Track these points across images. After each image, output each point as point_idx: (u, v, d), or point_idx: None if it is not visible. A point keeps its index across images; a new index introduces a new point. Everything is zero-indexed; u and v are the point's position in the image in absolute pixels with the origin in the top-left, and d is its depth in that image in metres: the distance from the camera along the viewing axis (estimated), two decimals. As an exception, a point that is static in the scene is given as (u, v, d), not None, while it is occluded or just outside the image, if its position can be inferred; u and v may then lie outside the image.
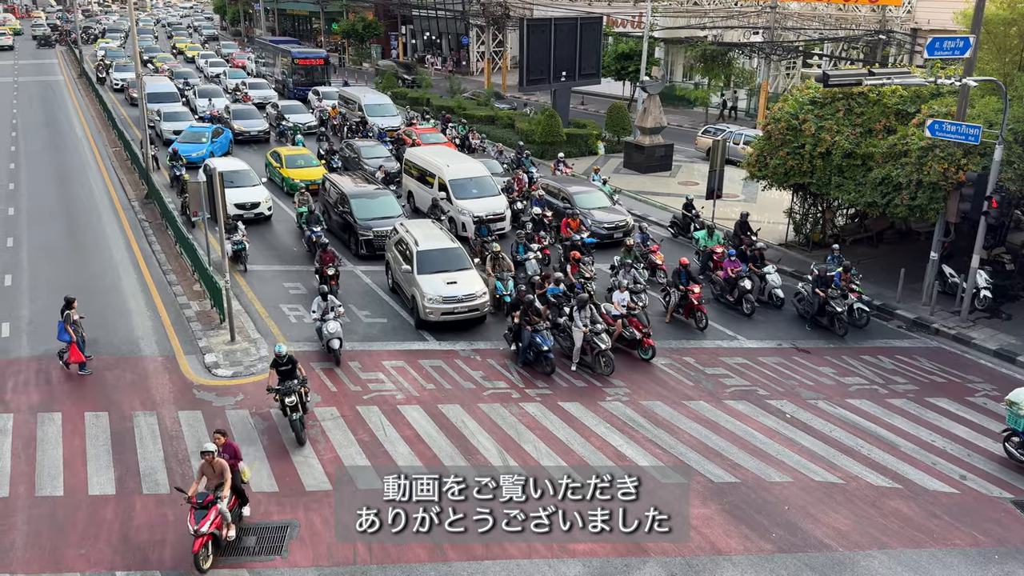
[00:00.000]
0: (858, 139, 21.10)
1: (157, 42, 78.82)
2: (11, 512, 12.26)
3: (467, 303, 18.44)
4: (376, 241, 22.68)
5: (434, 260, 19.05)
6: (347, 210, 23.63)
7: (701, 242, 22.62)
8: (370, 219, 23.21)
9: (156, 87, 42.73)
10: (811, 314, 19.12)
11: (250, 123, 38.71)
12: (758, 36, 46.22)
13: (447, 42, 71.39)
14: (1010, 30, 20.81)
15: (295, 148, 32.34)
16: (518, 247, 21.06)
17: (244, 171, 26.77)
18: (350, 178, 26.25)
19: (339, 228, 24.43)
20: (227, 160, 27.86)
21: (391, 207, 23.91)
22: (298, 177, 28.73)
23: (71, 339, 16.14)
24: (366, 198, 24.04)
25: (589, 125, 38.92)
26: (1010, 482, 13.45)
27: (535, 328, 16.71)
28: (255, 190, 26.10)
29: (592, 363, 16.85)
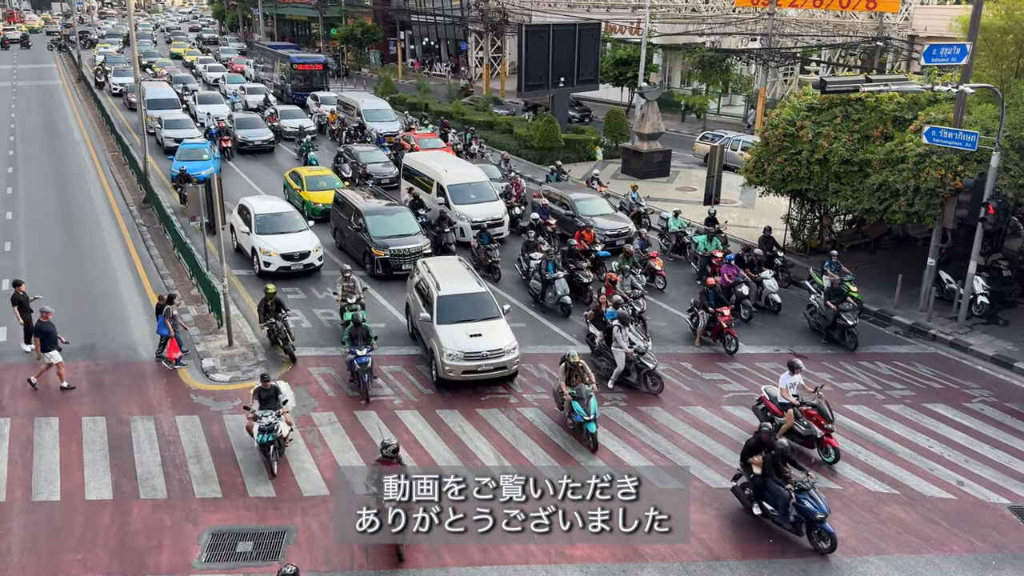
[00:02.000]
0: (855, 145, 21.16)
1: (156, 47, 78.91)
2: (7, 517, 12.23)
3: (492, 360, 15.96)
4: (393, 260, 21.62)
5: (457, 308, 16.68)
6: (361, 227, 22.38)
7: (700, 247, 22.39)
8: (386, 237, 22.05)
9: (156, 93, 41.95)
10: (825, 327, 18.71)
11: (254, 132, 37.29)
12: (756, 42, 46.32)
13: (445, 48, 71.52)
14: (1007, 37, 20.88)
15: (316, 168, 30.09)
16: (547, 265, 20.23)
17: (287, 213, 23.10)
18: (363, 193, 24.87)
19: (353, 246, 23.34)
20: (267, 200, 24.40)
21: (408, 224, 22.78)
22: (320, 200, 26.61)
23: (169, 334, 16.46)
24: (381, 215, 22.81)
25: (587, 131, 38.99)
26: (1008, 488, 13.46)
27: None
28: (303, 237, 22.35)
29: (638, 383, 16.21)
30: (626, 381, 16.34)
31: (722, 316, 18.01)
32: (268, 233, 21.96)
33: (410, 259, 21.02)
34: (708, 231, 22.62)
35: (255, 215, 22.37)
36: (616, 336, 16.16)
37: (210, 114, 41.13)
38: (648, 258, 21.68)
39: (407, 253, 21.58)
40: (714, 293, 18.45)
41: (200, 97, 44.77)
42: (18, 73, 64.84)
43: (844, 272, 19.81)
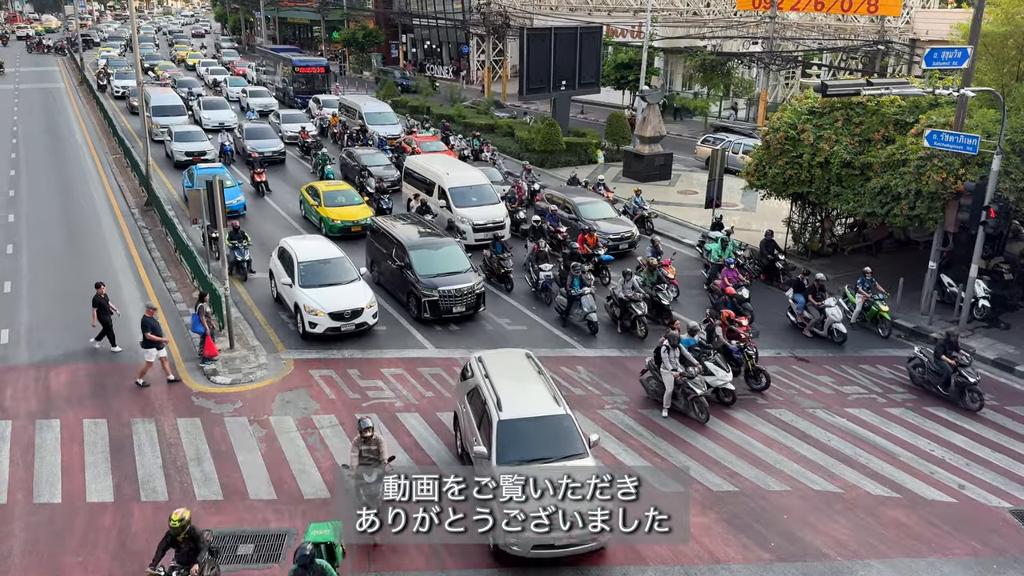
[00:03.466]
0: (857, 149, 21.18)
1: (158, 50, 79.03)
2: (9, 519, 12.24)
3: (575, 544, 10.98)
4: (443, 302, 19.12)
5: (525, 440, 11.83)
6: (404, 263, 19.86)
7: (714, 255, 21.89)
8: (433, 275, 19.44)
9: (161, 99, 40.73)
10: (938, 384, 16.38)
11: (265, 143, 35.11)
12: (757, 46, 46.39)
13: (447, 51, 71.62)
14: (1007, 41, 20.91)
15: (334, 183, 28.14)
16: (573, 280, 19.37)
17: (336, 260, 19.59)
18: (403, 222, 22.33)
19: (394, 284, 20.69)
20: (311, 242, 20.68)
21: (457, 259, 20.16)
22: (339, 217, 25.34)
23: (205, 331, 16.51)
24: (427, 249, 20.19)
25: (589, 134, 39.04)
26: (1009, 492, 13.45)
27: None
28: (354, 290, 18.78)
29: (685, 409, 15.48)
30: (674, 406, 15.60)
31: (740, 327, 17.32)
32: (314, 285, 18.55)
33: (462, 300, 19.26)
34: (723, 239, 22.10)
35: (299, 263, 19.01)
36: (663, 357, 15.46)
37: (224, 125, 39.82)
38: (660, 265, 20.82)
39: (459, 294, 19.30)
40: (732, 303, 18.00)
41: (205, 103, 43.85)
42: (21, 76, 64.99)
43: (878, 290, 19.12)
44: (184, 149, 33.51)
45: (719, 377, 15.67)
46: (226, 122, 40.73)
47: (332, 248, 20.19)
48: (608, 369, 17.55)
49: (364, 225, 24.61)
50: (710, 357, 15.89)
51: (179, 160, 33.16)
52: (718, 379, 15.64)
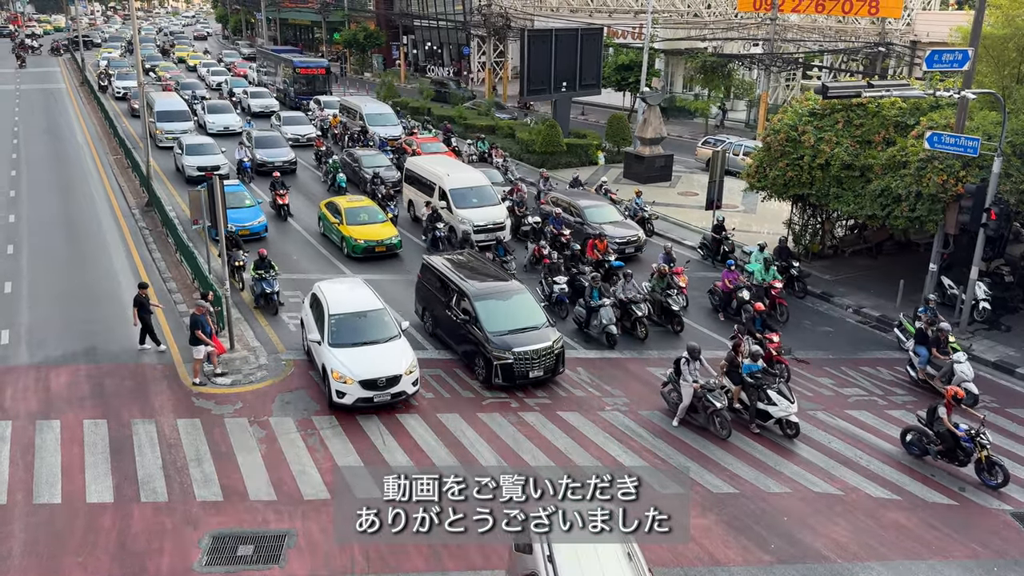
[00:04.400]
0: (857, 150, 21.18)
1: (162, 51, 79.04)
2: (9, 520, 12.23)
3: None
4: (518, 367, 16.21)
5: None
6: (469, 316, 16.96)
7: (757, 276, 20.56)
8: (505, 333, 16.50)
9: (165, 104, 39.46)
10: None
11: (275, 152, 33.42)
12: (758, 48, 46.39)
13: (448, 52, 71.67)
14: (1008, 44, 20.92)
15: (356, 199, 26.11)
16: (592, 292, 18.75)
17: (374, 313, 16.61)
18: (459, 262, 19.15)
19: (454, 338, 17.73)
20: (347, 287, 17.80)
21: (531, 310, 17.34)
22: (362, 237, 23.50)
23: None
24: (495, 298, 17.28)
25: (589, 135, 39.06)
26: (1009, 494, 13.43)
27: None
28: (394, 351, 15.85)
29: (705, 423, 15.00)
30: (692, 420, 15.19)
31: (771, 343, 16.60)
32: (345, 344, 15.72)
33: (540, 362, 16.34)
34: (766, 259, 20.87)
35: (329, 316, 16.12)
36: (683, 370, 14.99)
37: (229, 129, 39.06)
38: (673, 273, 20.32)
39: (536, 356, 16.32)
40: (762, 319, 17.43)
41: (210, 106, 43.01)
42: (22, 76, 65.03)
43: (940, 319, 17.58)
44: (196, 164, 31.19)
45: (782, 408, 14.63)
46: (231, 126, 40.12)
47: (369, 297, 17.08)
48: (608, 371, 17.55)
49: (389, 245, 23.69)
50: (774, 385, 14.90)
51: (191, 176, 31.04)
52: (780, 409, 14.63)
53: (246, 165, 31.78)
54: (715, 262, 23.96)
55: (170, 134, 36.82)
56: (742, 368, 15.18)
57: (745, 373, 15.11)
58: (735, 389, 15.15)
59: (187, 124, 38.40)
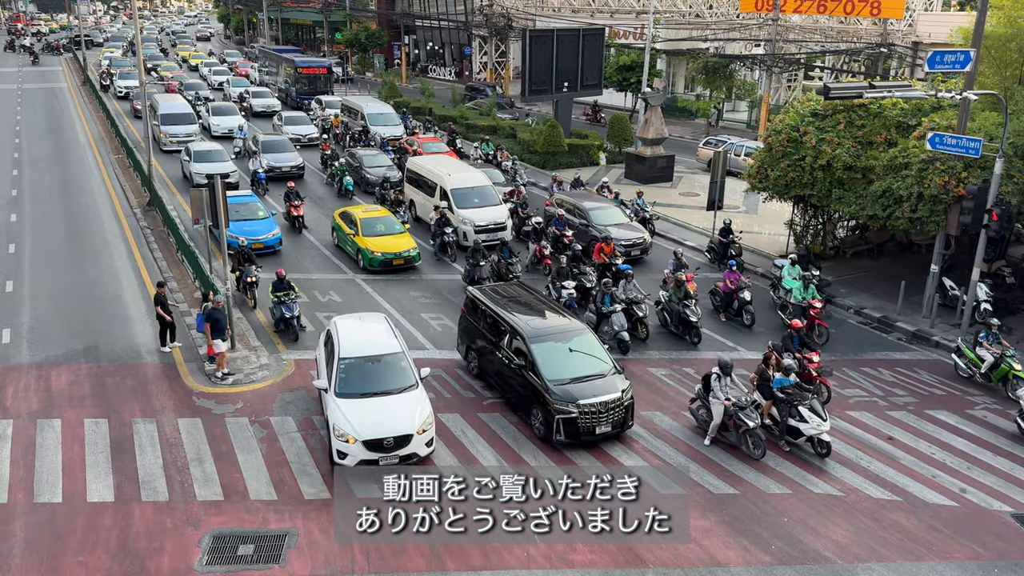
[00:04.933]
0: (859, 151, 21.17)
1: (164, 52, 79.06)
2: (9, 519, 12.24)
3: None
4: (583, 422, 13.94)
5: None
6: (524, 363, 14.85)
7: (796, 295, 19.30)
8: (567, 381, 14.34)
9: (170, 107, 38.51)
10: None
11: (282, 158, 32.33)
12: (760, 48, 46.39)
13: (450, 52, 71.69)
14: (1010, 45, 20.90)
15: (372, 209, 25.10)
16: (603, 297, 18.38)
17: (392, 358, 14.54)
18: (509, 294, 17.18)
19: (507, 385, 15.60)
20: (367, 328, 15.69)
21: (596, 356, 15.07)
22: (379, 249, 22.42)
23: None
24: (555, 341, 15.13)
25: (591, 136, 39.06)
26: (1010, 495, 13.43)
27: None
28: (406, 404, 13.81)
29: (737, 442, 14.27)
30: (724, 438, 14.51)
31: (810, 363, 15.83)
32: (352, 395, 13.71)
33: (608, 416, 14.08)
34: (806, 277, 19.51)
35: (339, 360, 14.20)
36: (713, 386, 14.18)
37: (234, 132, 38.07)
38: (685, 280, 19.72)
39: (604, 409, 14.07)
40: (799, 337, 16.41)
41: (214, 108, 42.35)
42: (24, 76, 65.09)
43: (1004, 345, 16.99)
44: (204, 171, 29.47)
45: (813, 425, 13.96)
46: (236, 128, 39.45)
47: (387, 338, 14.97)
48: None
49: (407, 258, 22.69)
50: (806, 401, 14.21)
51: (198, 184, 28.65)
52: (812, 427, 13.96)
53: (260, 176, 30.14)
54: (723, 266, 23.55)
55: (174, 137, 36.30)
56: (773, 382, 14.55)
57: (776, 388, 14.47)
58: (765, 404, 14.59)
59: (192, 127, 37.61)
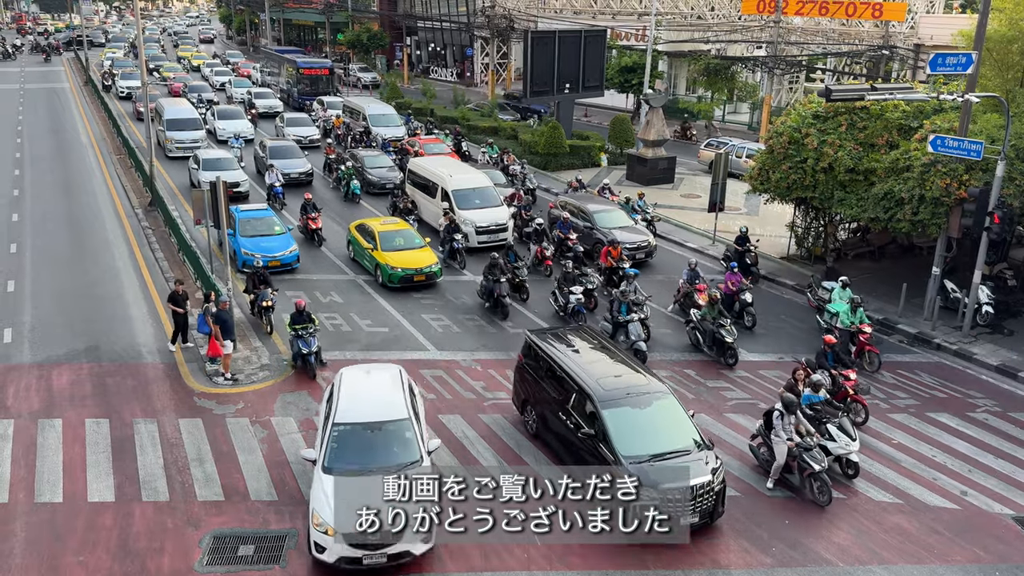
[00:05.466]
0: (860, 154, 21.15)
1: (163, 51, 79.09)
2: (10, 518, 12.24)
3: None
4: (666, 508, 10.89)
5: None
6: (594, 431, 12.42)
7: (843, 319, 17.85)
8: (646, 459, 11.94)
9: (175, 112, 37.16)
10: None
11: (290, 164, 30.97)
12: (761, 50, 46.39)
13: (451, 53, 71.73)
14: (1012, 47, 20.88)
15: (390, 221, 23.78)
16: (620, 306, 17.82)
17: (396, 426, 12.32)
18: (578, 342, 14.72)
19: (568, 453, 13.26)
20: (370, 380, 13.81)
21: (681, 428, 12.61)
22: (399, 264, 21.25)
23: (210, 332, 16.42)
24: (631, 405, 12.66)
25: (592, 137, 39.06)
26: (1011, 498, 13.41)
27: None
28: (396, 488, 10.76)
29: (801, 486, 13.08)
30: (787, 480, 13.37)
31: (847, 381, 15.18)
32: (343, 471, 11.59)
33: (695, 504, 11.68)
34: (854, 300, 18.03)
35: (332, 425, 12.27)
36: (775, 424, 13.07)
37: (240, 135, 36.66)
38: (694, 290, 19.42)
39: (691, 494, 11.60)
40: (833, 353, 15.56)
41: (219, 112, 41.21)
42: (26, 76, 65.16)
43: None
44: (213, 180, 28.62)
45: (841, 444, 13.37)
46: (242, 132, 38.12)
47: (395, 399, 12.83)
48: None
49: (428, 274, 21.46)
50: (835, 419, 13.65)
51: None
52: (840, 446, 13.38)
53: (277, 190, 28.26)
54: None
55: (180, 143, 35.09)
56: (802, 399, 13.85)
57: (804, 404, 13.79)
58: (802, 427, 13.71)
59: (198, 133, 36.19)
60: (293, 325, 16.75)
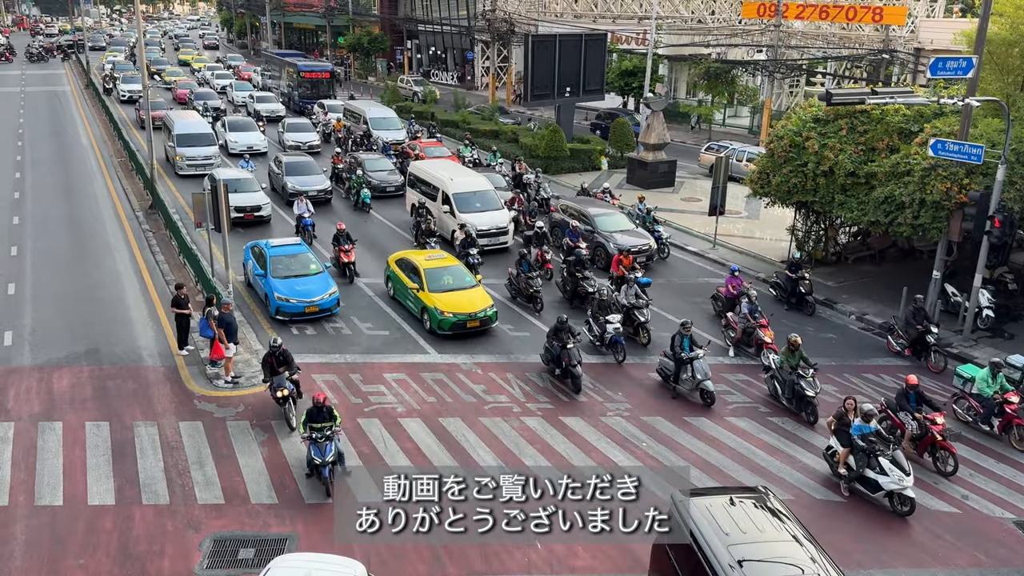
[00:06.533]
0: (861, 158, 21.17)
1: (164, 54, 79.16)
2: (10, 522, 12.23)
3: None
4: None
5: None
6: None
7: (984, 388, 15.33)
8: None
9: (186, 127, 33.88)
10: None
11: (307, 181, 29.26)
12: (762, 54, 46.42)
13: (452, 57, 71.82)
14: (1012, 51, 20.89)
15: (436, 256, 20.69)
16: (682, 340, 16.25)
17: None
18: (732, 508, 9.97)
19: None
20: None
21: None
22: (449, 309, 18.49)
23: (214, 335, 16.41)
24: None
25: (593, 141, 39.07)
26: (1012, 502, 13.40)
27: None
28: None
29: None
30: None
31: (934, 425, 14.01)
32: None
33: None
34: (995, 364, 15.61)
35: None
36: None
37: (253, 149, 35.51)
38: (758, 326, 17.81)
39: None
40: (916, 394, 14.41)
41: (231, 124, 38.86)
42: (26, 79, 65.24)
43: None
44: (234, 204, 23.60)
45: (894, 479, 12.68)
46: (255, 146, 36.60)
47: None
48: (611, 376, 17.52)
49: (483, 319, 18.71)
50: (888, 452, 12.97)
51: None
52: (892, 481, 12.69)
53: (307, 222, 25.14)
54: (790, 305, 21.11)
55: (192, 161, 32.11)
56: (852, 428, 13.27)
57: (855, 435, 13.17)
58: (842, 452, 13.40)
59: (211, 149, 33.10)
60: (309, 423, 13.18)
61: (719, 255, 25.38)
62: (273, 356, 15.14)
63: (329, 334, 19.02)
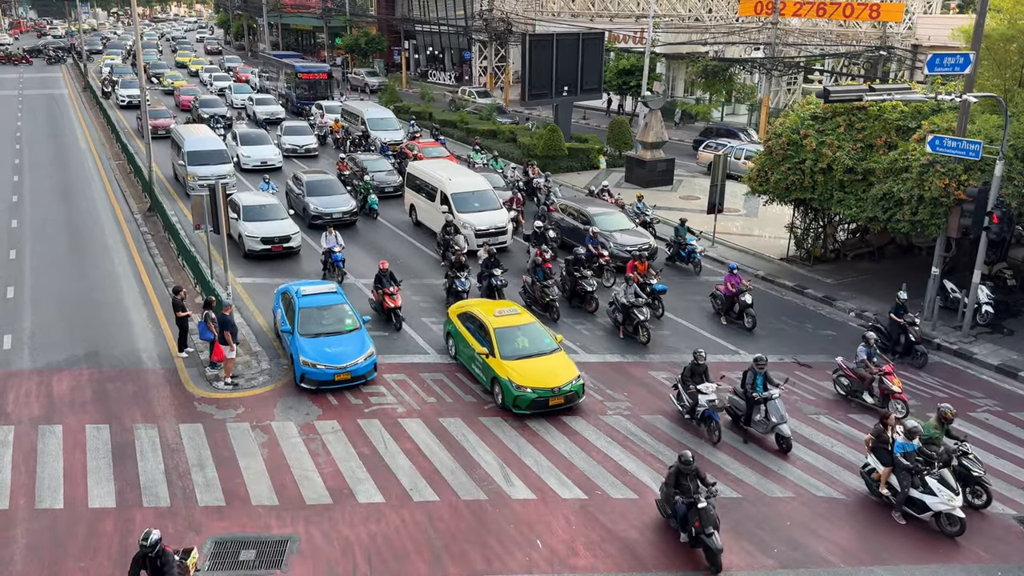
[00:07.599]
0: (859, 154, 21.18)
1: (161, 56, 79.10)
2: (10, 525, 12.23)
3: None
4: None
5: None
6: None
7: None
8: None
9: (197, 143, 31.02)
10: None
11: (331, 202, 27.01)
12: (759, 52, 46.45)
13: (449, 57, 71.81)
14: (1010, 46, 20.91)
15: (505, 311, 17.29)
16: (755, 379, 14.88)
17: None
18: None
19: None
20: None
21: None
22: (528, 383, 15.31)
23: (213, 337, 16.42)
24: None
25: (591, 140, 39.08)
26: (1013, 498, 13.40)
27: None
28: None
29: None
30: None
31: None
32: None
33: None
34: None
35: None
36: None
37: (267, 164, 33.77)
38: (882, 374, 15.86)
39: None
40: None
41: (243, 137, 36.03)
42: (24, 82, 65.21)
43: None
44: (259, 234, 23.38)
45: (943, 499, 12.11)
46: (269, 160, 34.50)
47: None
48: (611, 375, 17.52)
49: (568, 395, 15.52)
50: (934, 471, 12.43)
51: (251, 249, 23.51)
52: (941, 501, 12.13)
53: (337, 258, 22.01)
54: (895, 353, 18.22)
55: (204, 180, 28.20)
56: (894, 447, 12.69)
57: (898, 453, 12.63)
58: (883, 471, 12.80)
59: (225, 167, 30.41)
60: None
61: (718, 253, 25.38)
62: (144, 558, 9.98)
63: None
